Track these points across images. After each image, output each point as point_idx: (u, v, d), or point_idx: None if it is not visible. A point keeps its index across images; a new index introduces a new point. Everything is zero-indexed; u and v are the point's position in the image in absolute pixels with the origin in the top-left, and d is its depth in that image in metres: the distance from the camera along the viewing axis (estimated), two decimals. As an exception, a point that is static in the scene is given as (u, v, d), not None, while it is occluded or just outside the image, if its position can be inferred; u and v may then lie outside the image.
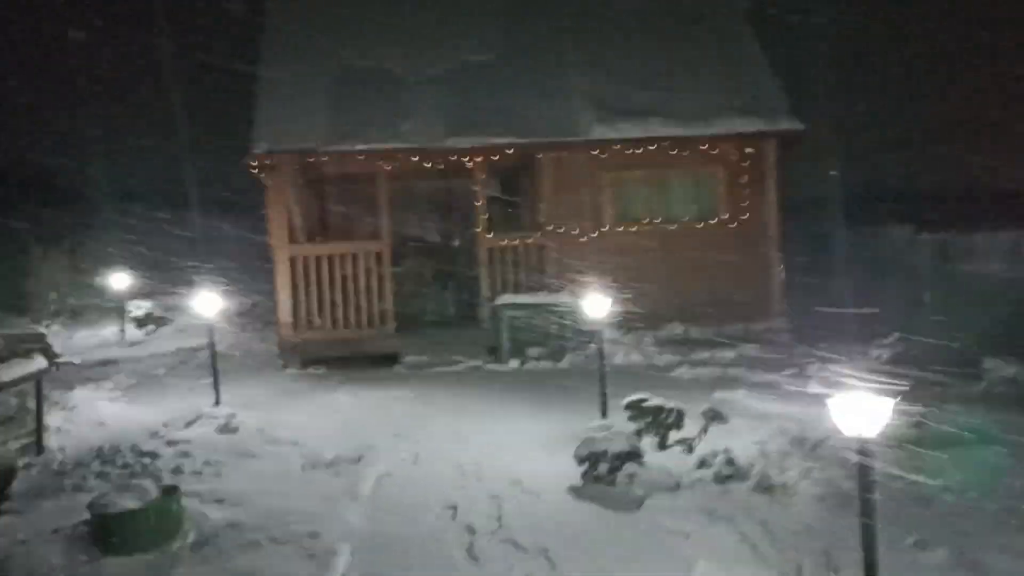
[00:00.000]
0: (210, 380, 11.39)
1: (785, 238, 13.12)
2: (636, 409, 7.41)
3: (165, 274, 18.23)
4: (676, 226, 13.03)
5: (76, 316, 17.68)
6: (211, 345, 9.72)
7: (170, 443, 7.78)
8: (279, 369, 12.38)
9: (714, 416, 6.97)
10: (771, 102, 12.90)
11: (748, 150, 12.92)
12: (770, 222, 13.04)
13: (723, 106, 12.79)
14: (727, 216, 13.06)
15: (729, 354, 11.93)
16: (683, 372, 10.84)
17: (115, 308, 16.34)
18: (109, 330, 16.28)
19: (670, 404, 7.42)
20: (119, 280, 16.23)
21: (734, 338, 12.64)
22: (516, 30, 14.01)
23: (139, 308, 16.66)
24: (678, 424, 7.36)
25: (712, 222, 13.08)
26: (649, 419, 7.38)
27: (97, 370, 12.65)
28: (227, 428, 8.12)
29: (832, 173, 14.07)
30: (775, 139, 12.80)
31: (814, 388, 9.01)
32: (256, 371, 12.41)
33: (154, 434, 8.21)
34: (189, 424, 8.45)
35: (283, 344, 12.56)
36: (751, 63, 13.55)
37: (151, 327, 16.42)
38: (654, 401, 7.38)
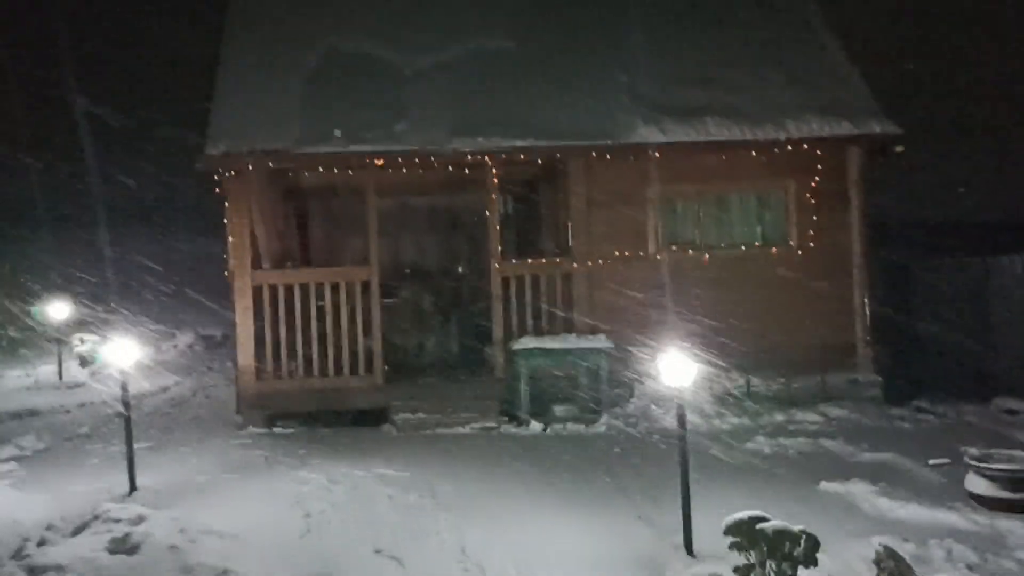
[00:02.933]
0: (148, 444, 8.90)
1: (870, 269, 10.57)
2: (744, 535, 4.81)
3: (121, 303, 15.70)
4: (736, 252, 10.47)
5: (13, 350, 15.06)
6: (124, 407, 7.06)
7: (33, 572, 5.16)
8: (237, 428, 9.77)
9: (897, 571, 4.34)
10: (856, 100, 10.40)
11: (826, 159, 10.38)
12: (853, 248, 10.49)
13: (797, 104, 10.29)
14: (799, 241, 10.50)
15: (812, 417, 9.35)
16: (760, 444, 8.23)
17: (60, 342, 13.75)
18: (47, 368, 13.67)
19: (795, 527, 4.82)
20: (58, 310, 13.63)
21: (810, 394, 10.07)
22: (541, 11, 11.55)
23: (84, 343, 14.05)
24: (809, 558, 4.76)
25: (780, 248, 10.52)
26: (764, 550, 4.78)
27: (7, 426, 10.05)
28: (125, 543, 5.50)
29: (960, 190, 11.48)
30: (862, 146, 10.28)
31: (978, 486, 6.42)
32: (207, 430, 9.81)
33: (19, 550, 5.58)
34: (78, 531, 5.84)
35: (243, 396, 9.95)
36: (827, 53, 11.07)
37: (97, 366, 13.80)
38: (774, 524, 4.78)
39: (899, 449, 7.87)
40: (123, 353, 6.85)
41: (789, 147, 10.06)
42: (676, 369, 5.44)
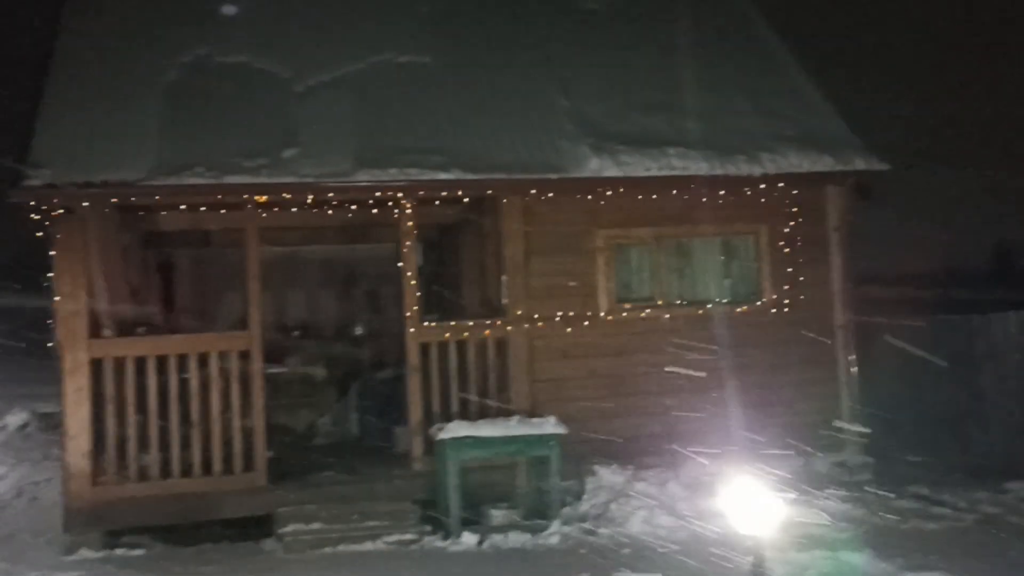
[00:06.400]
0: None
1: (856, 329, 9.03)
2: None
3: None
4: (699, 311, 8.73)
5: None
6: None
7: None
8: (64, 551, 7.26)
9: None
10: (834, 132, 8.94)
11: (803, 200, 8.85)
12: (835, 305, 8.94)
13: (768, 135, 8.75)
14: (772, 297, 8.87)
15: (810, 516, 7.55)
16: (777, 567, 6.31)
17: None
18: None
19: None
20: None
21: (794, 482, 8.31)
22: (460, 22, 9.71)
23: None
24: None
25: (751, 305, 8.86)
26: None
27: None
28: None
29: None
30: (845, 185, 8.79)
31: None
32: (21, 555, 7.31)
33: None
34: None
35: (73, 507, 7.44)
36: (795, 82, 9.62)
37: None
38: None
39: (947, 564, 6.13)
40: None
41: (763, 185, 8.47)
42: (753, 509, 3.49)
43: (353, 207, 8.41)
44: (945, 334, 9.81)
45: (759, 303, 8.85)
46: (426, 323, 8.20)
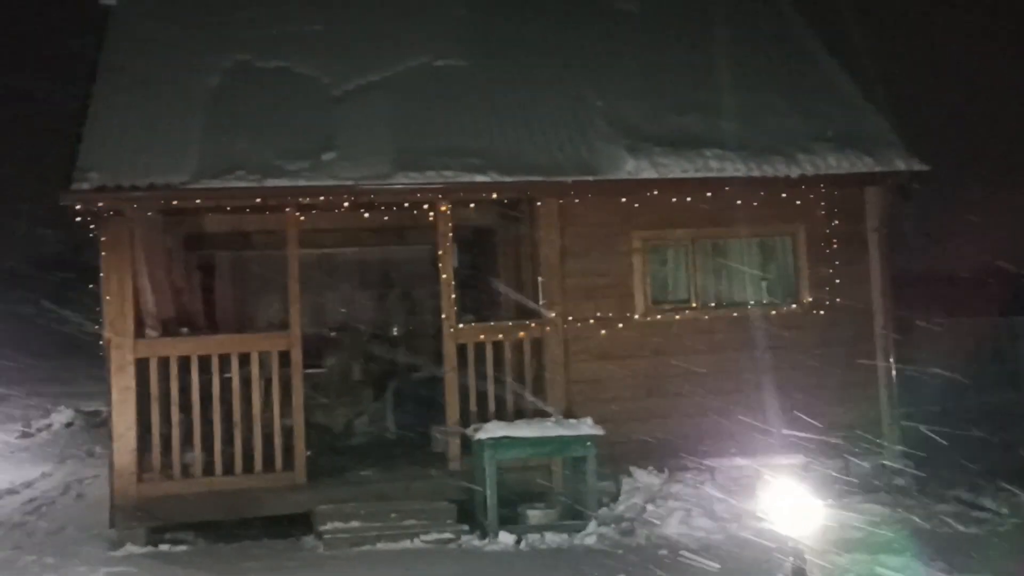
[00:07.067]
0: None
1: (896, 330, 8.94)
2: None
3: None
4: (737, 312, 8.70)
5: None
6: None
7: None
8: (111, 546, 7.43)
9: None
10: (875, 131, 8.86)
11: (841, 201, 8.78)
12: (874, 307, 8.86)
13: (806, 135, 8.69)
14: (811, 298, 8.81)
15: (850, 518, 7.49)
16: (817, 570, 6.28)
17: None
18: None
19: None
20: None
21: (832, 484, 8.26)
22: (495, 26, 9.76)
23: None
24: None
25: (789, 306, 8.81)
26: None
27: None
28: None
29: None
30: (886, 186, 8.71)
31: None
32: (70, 551, 7.43)
33: None
34: None
35: (120, 504, 7.61)
36: (832, 79, 9.56)
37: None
38: None
39: (987, 568, 6.07)
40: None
41: (803, 186, 8.42)
42: (792, 512, 3.50)
43: (391, 209, 8.50)
44: (987, 335, 9.68)
45: (796, 304, 8.80)
46: (463, 324, 8.27)
